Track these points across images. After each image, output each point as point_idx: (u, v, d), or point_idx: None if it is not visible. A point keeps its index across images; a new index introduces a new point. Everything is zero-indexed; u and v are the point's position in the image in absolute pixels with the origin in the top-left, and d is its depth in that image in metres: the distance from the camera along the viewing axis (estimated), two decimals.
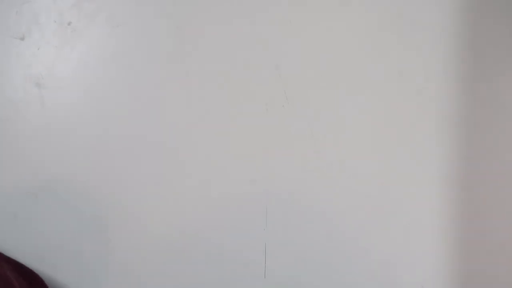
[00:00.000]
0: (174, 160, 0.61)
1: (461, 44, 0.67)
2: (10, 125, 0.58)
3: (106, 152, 0.59)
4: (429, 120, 0.65)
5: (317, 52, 0.64)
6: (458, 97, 0.66)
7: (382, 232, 0.64)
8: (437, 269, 0.64)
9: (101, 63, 0.60)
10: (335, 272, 0.63)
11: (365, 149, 0.64)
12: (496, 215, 0.65)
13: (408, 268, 0.64)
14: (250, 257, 0.62)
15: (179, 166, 0.61)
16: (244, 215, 0.62)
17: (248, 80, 0.62)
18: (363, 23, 0.65)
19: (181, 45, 0.61)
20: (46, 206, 0.58)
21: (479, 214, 0.65)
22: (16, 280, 0.49)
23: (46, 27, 0.59)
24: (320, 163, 0.63)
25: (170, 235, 0.60)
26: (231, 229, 0.62)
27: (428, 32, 0.67)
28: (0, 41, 0.58)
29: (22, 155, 0.58)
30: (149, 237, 0.60)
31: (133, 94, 0.60)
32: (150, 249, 0.60)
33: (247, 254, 0.62)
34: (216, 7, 0.62)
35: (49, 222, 0.58)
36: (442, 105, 0.66)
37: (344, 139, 0.64)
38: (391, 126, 0.65)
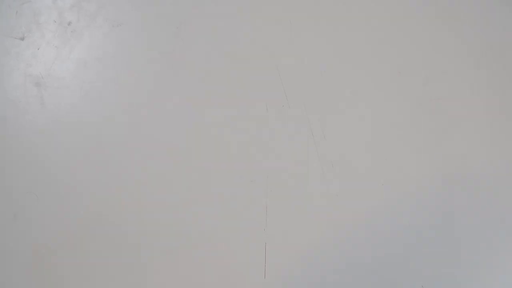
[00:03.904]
0: (173, 159, 0.61)
1: (462, 44, 0.67)
2: (10, 125, 0.58)
3: (106, 151, 0.59)
4: (429, 120, 0.65)
5: (317, 52, 0.64)
6: (459, 97, 0.66)
7: (382, 232, 0.64)
8: (437, 269, 0.64)
9: (101, 63, 0.60)
10: (335, 272, 0.63)
11: (366, 148, 0.64)
12: (496, 215, 0.65)
13: (408, 268, 0.64)
14: (250, 257, 0.62)
15: (179, 166, 0.61)
16: (244, 215, 0.62)
17: (248, 80, 0.62)
18: (363, 23, 0.65)
19: (181, 45, 0.61)
20: (46, 206, 0.58)
21: (479, 214, 0.65)
22: None
23: (46, 27, 0.59)
24: (320, 163, 0.63)
25: (171, 235, 0.60)
26: (231, 229, 0.62)
27: (428, 32, 0.67)
28: (0, 41, 0.58)
29: (22, 155, 0.58)
30: (149, 237, 0.60)
31: (133, 94, 0.60)
32: (150, 249, 0.60)
33: (247, 254, 0.62)
34: (216, 7, 0.62)
35: (49, 222, 0.58)
36: (442, 105, 0.66)
37: (344, 139, 0.64)
38: (391, 126, 0.65)
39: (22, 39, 0.59)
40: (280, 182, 0.62)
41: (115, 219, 0.59)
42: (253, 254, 0.62)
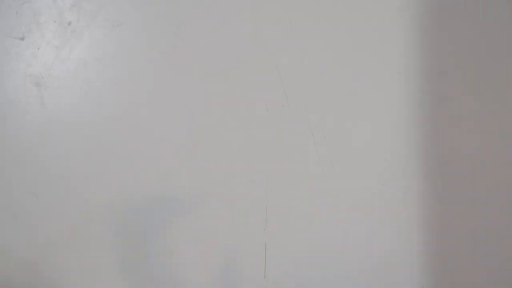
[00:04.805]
0: (173, 159, 0.61)
1: (462, 44, 0.67)
2: (10, 125, 0.58)
3: (106, 151, 0.59)
4: (429, 120, 0.65)
5: (317, 52, 0.64)
6: (459, 97, 0.66)
7: (382, 232, 0.64)
8: (437, 269, 0.64)
9: (101, 63, 0.60)
10: (335, 272, 0.63)
11: (365, 148, 0.64)
12: (496, 215, 0.65)
13: (408, 268, 0.64)
14: (250, 257, 0.62)
15: (179, 166, 0.61)
16: (244, 215, 0.62)
17: (248, 80, 0.62)
18: (363, 23, 0.65)
19: (181, 45, 0.61)
20: (46, 206, 0.58)
21: (479, 214, 0.65)
22: None
23: (46, 27, 0.59)
24: (320, 163, 0.63)
25: (171, 234, 0.60)
26: (231, 229, 0.62)
27: (428, 32, 0.67)
28: (0, 41, 0.58)
29: (22, 155, 0.58)
30: (149, 236, 0.60)
31: (132, 94, 0.60)
32: (150, 249, 0.60)
33: (247, 254, 0.62)
34: (216, 8, 0.62)
35: (49, 222, 0.58)
36: (442, 105, 0.66)
37: (344, 139, 0.64)
38: (392, 126, 0.65)
39: (22, 39, 0.59)
40: (280, 182, 0.62)
41: (115, 218, 0.59)
42: (253, 254, 0.62)
